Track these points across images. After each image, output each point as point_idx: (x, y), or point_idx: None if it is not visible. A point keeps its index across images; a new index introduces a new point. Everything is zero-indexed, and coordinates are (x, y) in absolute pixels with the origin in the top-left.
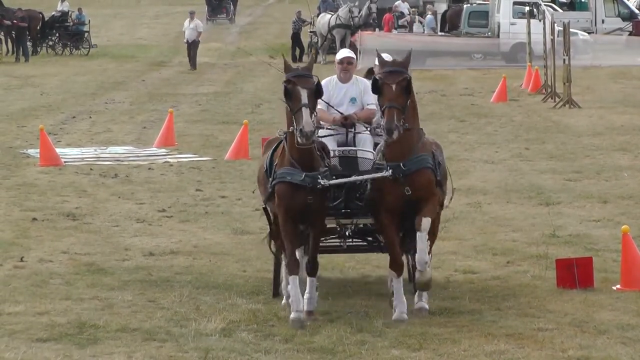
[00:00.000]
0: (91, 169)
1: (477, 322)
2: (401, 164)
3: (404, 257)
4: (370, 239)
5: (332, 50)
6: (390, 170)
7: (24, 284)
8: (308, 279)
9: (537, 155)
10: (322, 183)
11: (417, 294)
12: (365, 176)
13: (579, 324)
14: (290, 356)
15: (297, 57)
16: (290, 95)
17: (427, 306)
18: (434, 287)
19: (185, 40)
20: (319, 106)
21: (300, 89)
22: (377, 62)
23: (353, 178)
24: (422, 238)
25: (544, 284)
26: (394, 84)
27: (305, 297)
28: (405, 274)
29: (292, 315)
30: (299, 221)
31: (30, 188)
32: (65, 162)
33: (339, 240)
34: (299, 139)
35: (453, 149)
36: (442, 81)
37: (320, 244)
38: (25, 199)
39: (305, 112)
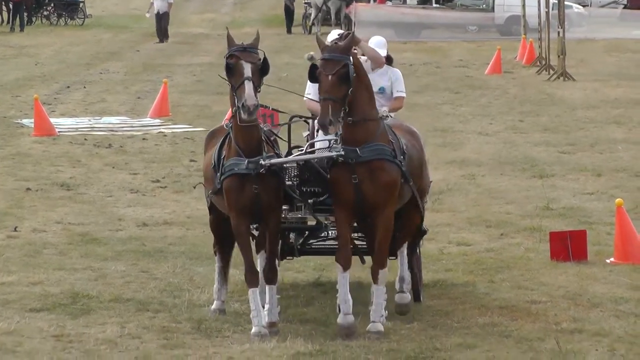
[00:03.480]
0: (85, 139)
1: (470, 295)
2: (357, 150)
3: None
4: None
5: (327, 22)
6: (342, 152)
7: (17, 254)
8: (267, 287)
9: (531, 128)
10: (263, 163)
11: (397, 279)
12: (314, 155)
13: (573, 296)
14: (283, 327)
15: (289, 30)
16: (231, 70)
17: (409, 296)
18: (427, 259)
19: (154, 12)
20: (309, 95)
21: (243, 62)
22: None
23: (300, 157)
24: (378, 292)
25: (538, 256)
26: (331, 74)
27: (265, 308)
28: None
29: (253, 330)
30: (252, 218)
31: (24, 158)
32: (59, 132)
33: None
34: (241, 115)
35: (447, 120)
36: (436, 53)
37: (319, 244)
38: (19, 169)
39: (248, 85)
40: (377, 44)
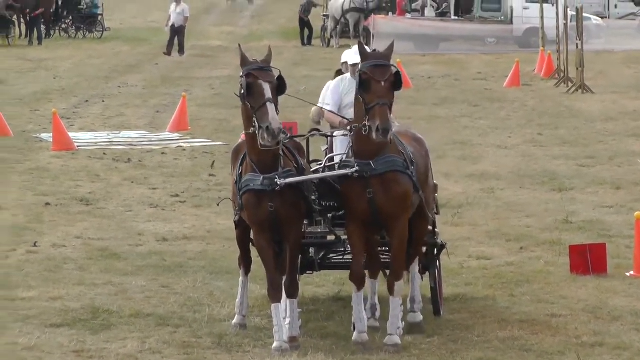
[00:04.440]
0: (104, 154)
1: (490, 308)
2: (371, 163)
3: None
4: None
5: (346, 34)
6: (356, 167)
7: (37, 269)
8: (288, 301)
9: (550, 141)
10: (278, 183)
11: (409, 300)
12: (329, 173)
13: (593, 310)
14: (303, 342)
15: (305, 41)
16: (251, 90)
17: (420, 316)
18: (447, 273)
19: (170, 25)
20: (327, 107)
21: (262, 82)
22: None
23: (315, 175)
24: (394, 304)
25: (558, 270)
26: (384, 80)
27: (286, 322)
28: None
29: (274, 344)
30: (272, 233)
31: (44, 173)
32: (78, 146)
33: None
34: (265, 138)
35: (466, 133)
36: (455, 66)
37: (339, 259)
38: (38, 184)
39: (271, 107)
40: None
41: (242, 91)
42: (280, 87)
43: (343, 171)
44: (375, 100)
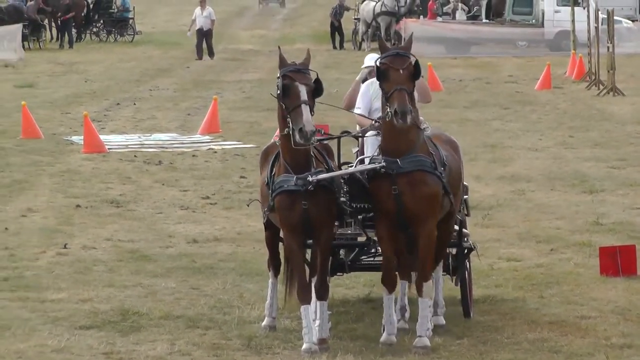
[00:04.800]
0: (135, 156)
1: (520, 310)
2: (398, 161)
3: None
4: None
5: (376, 38)
6: (384, 163)
7: (67, 271)
8: (318, 303)
9: (581, 143)
10: (310, 180)
11: (431, 303)
12: (356, 168)
13: (622, 311)
14: (333, 344)
15: (338, 46)
16: (287, 91)
17: (443, 320)
18: (477, 275)
19: (196, 29)
20: (358, 110)
21: (298, 84)
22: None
23: (343, 171)
24: (423, 304)
25: (587, 271)
26: (401, 68)
27: (316, 324)
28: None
29: (304, 346)
30: (304, 235)
31: (74, 175)
32: (109, 149)
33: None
34: (297, 139)
35: (497, 136)
36: (486, 69)
37: (369, 260)
38: (69, 186)
39: (305, 109)
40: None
41: (279, 92)
42: (317, 89)
43: (370, 165)
44: (394, 87)
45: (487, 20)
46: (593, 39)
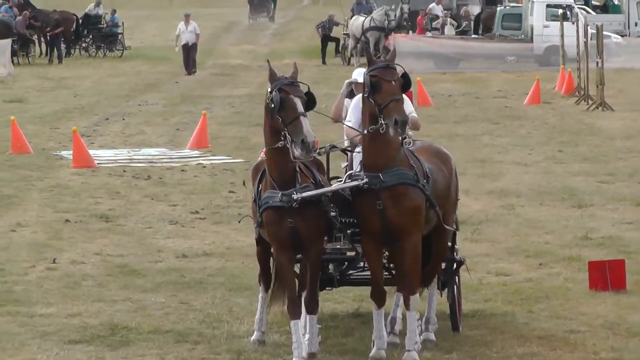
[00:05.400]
0: (124, 171)
1: (509, 324)
2: (380, 175)
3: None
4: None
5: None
6: (366, 179)
7: (56, 286)
8: (307, 317)
9: (570, 158)
10: (295, 197)
11: (424, 320)
12: (339, 185)
13: (611, 326)
14: (322, 358)
15: (334, 51)
16: (283, 105)
17: (433, 337)
18: (466, 289)
19: (182, 44)
20: (349, 123)
21: (293, 97)
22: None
23: (327, 189)
24: (411, 318)
25: (577, 286)
26: (393, 80)
27: (305, 338)
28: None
29: None
30: (293, 250)
31: (64, 190)
32: (98, 163)
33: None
34: (298, 152)
35: (486, 151)
36: (475, 84)
37: (358, 275)
38: (58, 201)
39: (304, 121)
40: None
41: (272, 106)
42: (309, 102)
43: (353, 183)
44: (389, 97)
45: (476, 36)
46: (582, 54)
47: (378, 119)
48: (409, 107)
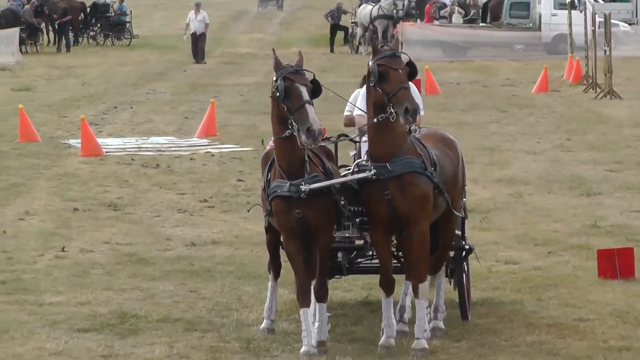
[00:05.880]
0: (132, 159)
1: (518, 313)
2: (387, 165)
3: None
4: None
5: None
6: (374, 170)
7: (65, 274)
8: (317, 305)
9: (578, 146)
10: (303, 189)
11: (432, 308)
12: (347, 177)
13: (620, 314)
14: (331, 346)
15: (343, 40)
16: (288, 93)
17: (442, 325)
18: (475, 277)
19: (191, 33)
20: (358, 111)
21: (299, 85)
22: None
23: (335, 180)
24: (420, 306)
25: (585, 274)
26: (400, 68)
27: (315, 326)
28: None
29: (302, 349)
30: (303, 238)
31: (72, 178)
32: (106, 152)
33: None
34: (304, 139)
35: (495, 139)
36: (483, 72)
37: (367, 263)
38: (66, 189)
39: (310, 108)
40: None
41: (278, 94)
42: (314, 90)
43: (362, 174)
44: (398, 85)
45: (484, 24)
46: (590, 42)
47: (386, 107)
48: (416, 97)
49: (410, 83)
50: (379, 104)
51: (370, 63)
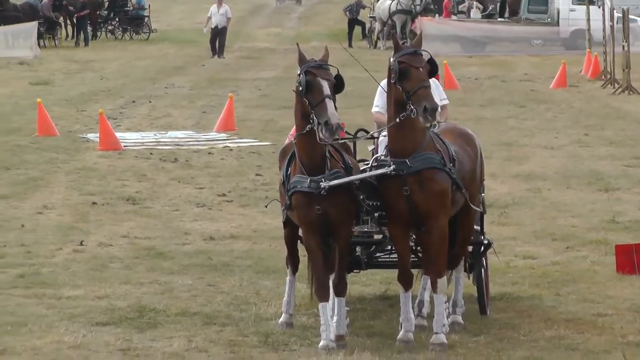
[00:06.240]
0: (151, 154)
1: (536, 308)
2: (407, 160)
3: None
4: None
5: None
6: (393, 166)
7: (83, 268)
8: (336, 299)
9: (596, 141)
10: (323, 186)
11: (451, 303)
12: (367, 174)
13: (639, 309)
14: (350, 341)
15: (361, 35)
16: (310, 87)
17: (461, 319)
18: (493, 272)
19: (212, 27)
20: (376, 109)
21: (320, 80)
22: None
23: (354, 177)
24: (438, 301)
25: (604, 269)
26: (421, 67)
27: (333, 320)
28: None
29: (321, 343)
30: (322, 234)
31: (90, 172)
32: (125, 146)
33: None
34: (322, 133)
35: (512, 134)
36: (501, 67)
37: (385, 257)
38: (85, 183)
39: (330, 103)
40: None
41: (300, 88)
42: (338, 85)
43: (381, 170)
44: (418, 84)
45: (503, 19)
46: (608, 37)
47: (406, 105)
48: (441, 93)
49: (433, 79)
50: (399, 102)
51: (391, 60)
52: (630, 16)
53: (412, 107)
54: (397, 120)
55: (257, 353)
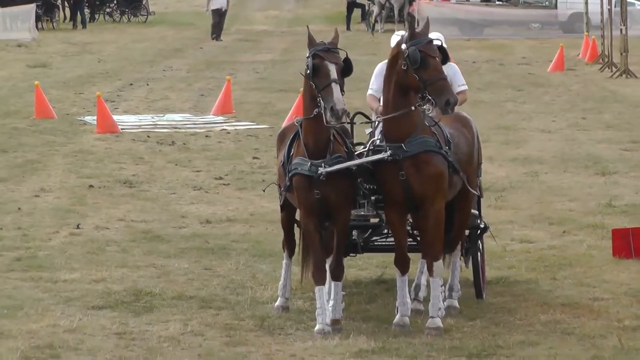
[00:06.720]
0: (148, 136)
1: (533, 292)
2: (403, 145)
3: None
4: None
5: (390, 19)
6: (390, 151)
7: (80, 251)
8: (332, 283)
9: (593, 125)
10: (321, 172)
11: (447, 287)
12: (364, 159)
13: (635, 293)
14: (345, 325)
15: (360, 17)
16: (317, 71)
17: (457, 304)
18: (490, 256)
19: (213, 9)
20: (370, 91)
21: (328, 63)
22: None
23: (351, 162)
24: (435, 284)
25: (600, 253)
26: (437, 56)
27: (329, 304)
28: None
29: (316, 327)
30: (321, 216)
31: (87, 155)
32: (122, 129)
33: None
34: (328, 118)
35: (510, 118)
36: (499, 50)
37: (382, 241)
38: (82, 166)
39: (336, 88)
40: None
41: (308, 72)
42: (346, 68)
43: (378, 156)
44: (437, 75)
45: (501, 2)
46: (606, 21)
47: (422, 94)
48: (460, 79)
49: (451, 64)
50: (412, 89)
51: (405, 47)
52: (628, 0)
53: (431, 97)
54: (413, 108)
55: (253, 337)
